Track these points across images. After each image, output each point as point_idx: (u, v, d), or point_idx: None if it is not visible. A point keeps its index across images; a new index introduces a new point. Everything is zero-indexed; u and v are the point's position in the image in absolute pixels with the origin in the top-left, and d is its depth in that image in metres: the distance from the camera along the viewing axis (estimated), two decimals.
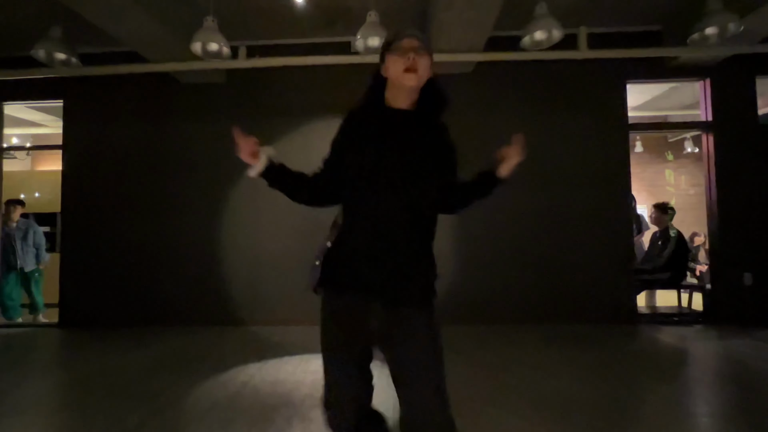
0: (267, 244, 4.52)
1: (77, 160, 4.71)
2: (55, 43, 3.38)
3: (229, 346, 3.74)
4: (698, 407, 2.46)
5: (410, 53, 1.22)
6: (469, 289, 4.31)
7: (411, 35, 1.26)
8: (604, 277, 4.25)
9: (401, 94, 1.28)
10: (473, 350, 3.42)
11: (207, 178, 4.60)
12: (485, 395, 2.51)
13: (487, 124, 4.45)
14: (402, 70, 1.23)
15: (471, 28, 3.56)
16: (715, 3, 3.09)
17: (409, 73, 1.23)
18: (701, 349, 3.55)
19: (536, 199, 4.35)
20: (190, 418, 2.29)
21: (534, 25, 3.16)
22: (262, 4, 3.90)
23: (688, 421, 2.23)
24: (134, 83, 4.58)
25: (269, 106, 4.62)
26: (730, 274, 4.22)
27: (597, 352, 3.38)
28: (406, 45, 1.24)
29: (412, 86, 1.25)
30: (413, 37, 1.26)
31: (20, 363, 3.56)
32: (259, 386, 2.74)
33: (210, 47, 3.35)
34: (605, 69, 4.28)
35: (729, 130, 4.27)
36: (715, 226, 4.31)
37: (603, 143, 4.35)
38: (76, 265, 4.62)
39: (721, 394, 2.69)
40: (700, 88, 4.45)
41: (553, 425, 2.11)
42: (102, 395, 2.63)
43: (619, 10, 4.09)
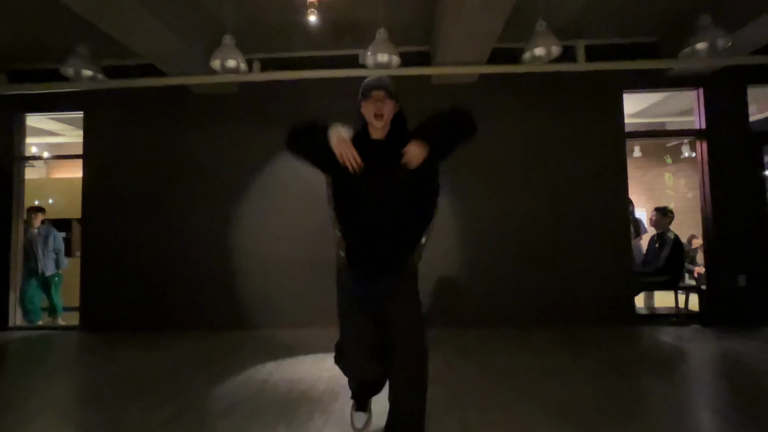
0: (277, 250, 4.70)
1: (97, 168, 4.90)
2: (83, 60, 3.58)
3: (244, 348, 3.91)
4: (697, 404, 2.62)
5: (378, 103, 1.71)
6: (475, 293, 4.48)
7: (379, 87, 1.72)
8: (604, 280, 4.42)
9: (375, 130, 1.79)
10: (482, 354, 3.58)
11: (220, 186, 4.79)
12: (496, 399, 2.64)
13: (491, 132, 4.62)
14: (372, 116, 1.73)
15: (475, 42, 3.75)
16: (705, 19, 3.28)
17: (377, 118, 1.73)
18: (698, 348, 3.71)
19: (538, 205, 4.53)
20: (218, 413, 2.46)
21: (534, 42, 3.35)
22: (276, 19, 4.10)
23: (688, 417, 2.39)
24: (151, 94, 4.78)
25: (280, 115, 4.79)
26: (725, 276, 4.38)
27: (601, 354, 3.51)
28: (375, 96, 1.72)
29: (380, 127, 1.75)
30: (380, 89, 1.72)
31: (48, 363, 3.75)
32: (278, 384, 2.92)
33: (228, 64, 3.55)
34: (603, 79, 4.47)
35: (722, 137, 4.45)
36: (710, 229, 4.49)
37: (601, 151, 4.53)
38: (96, 269, 4.81)
39: (718, 391, 2.85)
40: (694, 96, 4.63)
41: (563, 426, 2.24)
42: (132, 393, 2.80)
43: (616, 23, 4.28)
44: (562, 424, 2.24)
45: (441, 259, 4.48)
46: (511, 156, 4.61)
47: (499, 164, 4.61)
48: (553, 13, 3.84)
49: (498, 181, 4.60)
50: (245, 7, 3.76)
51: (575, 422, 2.25)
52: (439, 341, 3.95)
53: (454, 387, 2.83)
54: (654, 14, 4.12)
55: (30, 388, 3.07)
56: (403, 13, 3.96)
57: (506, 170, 4.61)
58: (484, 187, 4.60)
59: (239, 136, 4.82)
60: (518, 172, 4.60)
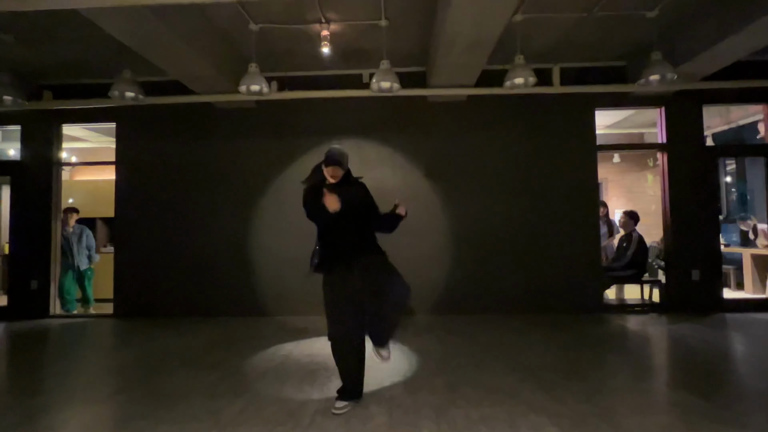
0: (290, 246, 5.30)
1: (128, 173, 5.50)
2: (127, 84, 4.16)
3: (264, 331, 4.53)
4: (633, 370, 3.27)
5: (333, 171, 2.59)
6: (463, 283, 5.12)
7: (334, 164, 2.57)
8: (576, 274, 5.07)
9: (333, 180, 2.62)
10: (469, 333, 4.23)
11: (239, 189, 5.39)
12: (478, 363, 3.31)
13: (479, 145, 5.27)
14: (330, 176, 2.60)
15: (464, 70, 4.36)
16: (657, 55, 3.90)
17: (332, 179, 2.61)
18: (650, 331, 4.36)
19: (520, 208, 5.16)
20: (253, 377, 3.09)
21: (513, 73, 3.96)
22: (291, 46, 4.68)
23: (631, 378, 3.04)
24: (177, 108, 5.36)
25: (293, 128, 5.41)
26: (681, 271, 5.04)
27: (567, 334, 4.19)
28: (329, 171, 2.59)
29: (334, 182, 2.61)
30: (335, 165, 2.57)
31: (100, 343, 4.37)
32: (298, 358, 3.55)
33: (252, 88, 4.13)
34: (577, 99, 5.10)
35: (680, 150, 5.09)
36: (669, 230, 5.14)
37: (576, 161, 5.17)
38: (128, 263, 5.41)
39: (663, 362, 3.50)
40: (657, 114, 5.26)
41: (528, 383, 2.89)
42: (177, 365, 3.42)
43: (588, 50, 4.89)
44: (526, 379, 2.90)
45: (433, 253, 5.12)
46: (497, 164, 5.24)
47: (486, 172, 5.23)
48: (531, 41, 4.45)
49: (484, 187, 5.23)
50: (266, 37, 4.34)
51: (537, 379, 2.91)
52: (431, 325, 4.60)
53: (442, 357, 3.48)
54: (620, 43, 4.73)
55: (93, 360, 3.69)
56: (401, 42, 4.56)
57: (492, 177, 5.23)
58: (472, 192, 5.23)
59: (257, 146, 5.42)
60: (502, 179, 5.23)
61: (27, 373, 3.30)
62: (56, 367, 3.42)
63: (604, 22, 4.22)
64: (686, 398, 2.59)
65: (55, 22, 4.01)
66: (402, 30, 4.35)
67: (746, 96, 5.08)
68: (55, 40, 4.44)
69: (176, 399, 2.68)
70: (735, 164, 7.32)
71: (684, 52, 4.25)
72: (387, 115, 5.34)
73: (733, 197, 7.72)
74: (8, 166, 5.78)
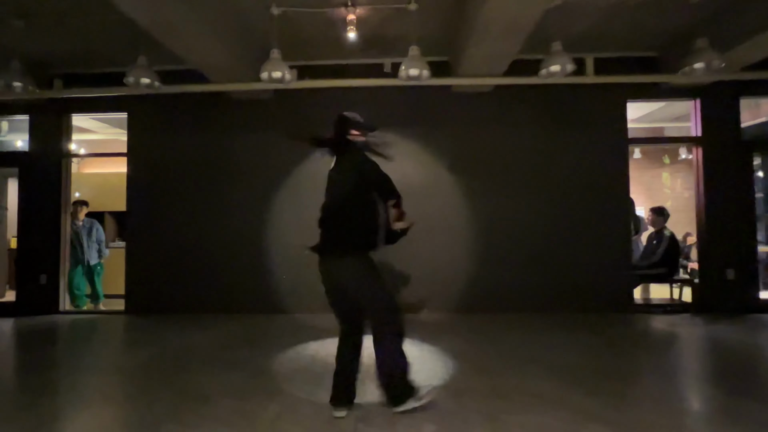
0: (305, 241, 5.11)
1: (140, 165, 5.31)
2: (142, 70, 3.98)
3: (283, 329, 4.36)
4: (681, 374, 3.09)
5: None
6: (487, 281, 4.94)
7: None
8: (605, 272, 4.88)
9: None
10: (496, 333, 4.06)
11: (255, 182, 5.21)
12: (515, 366, 3.13)
13: (504, 138, 5.07)
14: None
15: (495, 59, 4.16)
16: (703, 42, 3.70)
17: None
18: (687, 332, 4.18)
19: (548, 204, 4.97)
20: (282, 379, 2.91)
21: (550, 60, 3.76)
22: (313, 33, 4.49)
23: (670, 384, 2.86)
24: (191, 99, 5.18)
25: (310, 119, 5.17)
26: (715, 270, 4.85)
27: (599, 335, 4.01)
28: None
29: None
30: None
31: (112, 342, 4.20)
32: (326, 359, 3.36)
33: (274, 75, 3.94)
34: (608, 90, 4.89)
35: (715, 143, 4.89)
36: (703, 228, 4.95)
37: (605, 155, 4.97)
38: (140, 258, 5.24)
39: (703, 365, 3.33)
40: (690, 106, 5.06)
41: (575, 387, 2.71)
42: (199, 363, 3.25)
43: (621, 39, 4.69)
44: (571, 383, 2.72)
45: (455, 250, 4.94)
46: (522, 158, 5.05)
47: (511, 166, 5.04)
48: (564, 29, 4.25)
49: (509, 182, 5.04)
50: (287, 23, 4.15)
51: (582, 383, 2.73)
52: (453, 324, 4.43)
53: (476, 358, 3.30)
54: (655, 32, 4.53)
55: (111, 358, 3.52)
56: (428, 29, 4.36)
57: (518, 171, 5.04)
58: (496, 187, 5.04)
59: (274, 138, 5.22)
60: (528, 173, 5.04)
61: (43, 371, 3.12)
62: (72, 365, 3.25)
63: (640, 10, 4.02)
64: (751, 406, 2.41)
65: (68, 6, 3.83)
66: (429, 15, 4.14)
67: None
68: (67, 27, 4.25)
69: (204, 400, 2.51)
70: (762, 160, 7.11)
71: (726, 40, 4.03)
72: (408, 106, 5.14)
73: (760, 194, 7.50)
74: (16, 158, 5.59)
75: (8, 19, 4.02)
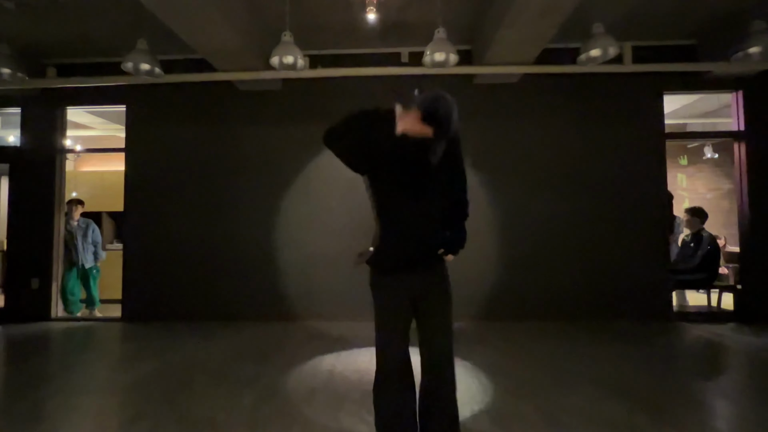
0: (319, 244, 4.77)
1: (139, 162, 4.95)
2: (142, 55, 3.63)
3: (296, 339, 3.99)
4: (739, 391, 2.72)
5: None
6: (516, 288, 4.57)
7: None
8: (642, 277, 4.51)
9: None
10: (530, 344, 3.69)
11: (263, 180, 4.85)
12: (559, 382, 2.77)
13: (531, 133, 4.72)
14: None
15: (527, 45, 3.82)
16: (759, 24, 3.35)
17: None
18: (742, 344, 3.80)
19: (578, 203, 4.61)
20: (299, 399, 2.54)
21: (591, 43, 3.42)
22: (325, 18, 4.15)
23: (728, 404, 2.49)
24: (194, 90, 4.83)
25: (322, 112, 4.84)
26: (760, 275, 4.48)
27: (644, 345, 3.64)
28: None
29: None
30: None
31: (107, 354, 3.83)
32: (346, 375, 3.00)
33: (286, 60, 3.60)
34: (644, 81, 4.54)
35: (760, 139, 4.54)
36: (745, 229, 4.58)
37: (641, 150, 4.62)
38: (139, 261, 4.87)
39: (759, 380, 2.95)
40: (732, 99, 4.71)
41: (635, 409, 2.36)
42: (204, 380, 2.88)
43: (658, 26, 4.35)
44: (629, 403, 2.36)
45: (479, 253, 4.56)
46: (550, 154, 4.69)
47: (539, 163, 4.69)
48: (599, 16, 3.91)
49: (537, 179, 4.68)
50: (301, 7, 3.81)
51: (642, 403, 2.36)
52: (481, 333, 4.06)
53: (513, 374, 2.94)
54: (695, 18, 4.19)
55: (104, 374, 3.14)
56: (452, 14, 4.02)
57: (545, 168, 4.68)
58: (523, 185, 4.68)
59: (282, 132, 4.88)
60: (557, 171, 4.68)
61: (27, 390, 2.76)
62: (60, 383, 2.88)
63: None
64: None
65: None
66: None
67: None
68: (62, 10, 3.91)
69: (211, 428, 2.14)
70: None
71: None
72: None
73: None
74: (6, 153, 5.22)
75: None
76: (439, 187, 1.72)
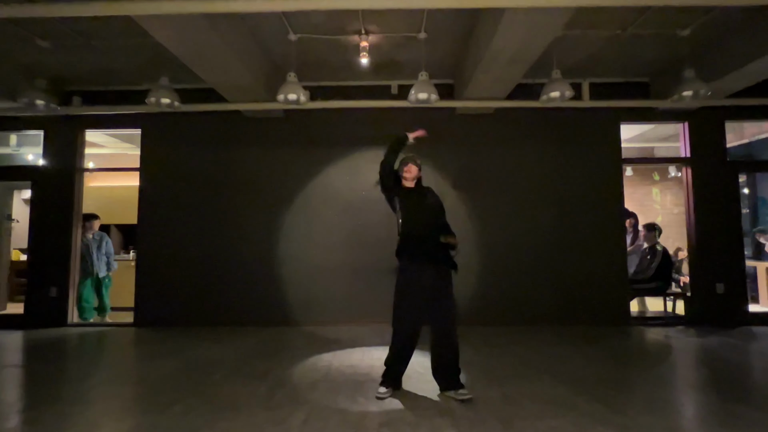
0: (318, 256, 5.29)
1: (152, 179, 5.45)
2: (165, 90, 4.16)
3: (296, 342, 4.48)
4: (679, 382, 3.29)
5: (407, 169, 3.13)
6: (490, 295, 5.13)
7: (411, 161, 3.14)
8: (603, 286, 5.11)
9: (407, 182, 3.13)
10: (504, 345, 4.23)
11: (266, 198, 5.37)
12: (525, 375, 3.32)
13: (505, 158, 5.33)
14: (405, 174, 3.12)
15: (500, 84, 4.43)
16: (690, 72, 4.00)
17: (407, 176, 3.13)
18: (684, 343, 4.39)
19: (546, 220, 5.21)
20: (304, 388, 3.05)
21: (550, 87, 4.03)
22: (326, 56, 4.73)
23: (670, 391, 3.06)
24: (203, 115, 5.36)
25: (321, 137, 5.43)
26: (706, 284, 5.11)
27: (602, 346, 4.21)
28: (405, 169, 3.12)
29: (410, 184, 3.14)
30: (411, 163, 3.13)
31: (131, 354, 4.28)
32: (341, 369, 3.51)
33: (290, 97, 4.15)
34: (604, 113, 5.20)
35: (703, 164, 5.20)
36: (693, 243, 5.22)
37: (601, 174, 5.25)
38: (150, 271, 5.34)
39: (697, 374, 3.53)
40: (680, 128, 5.38)
41: (582, 395, 2.91)
42: (222, 374, 3.37)
43: (616, 66, 5.01)
44: (579, 391, 2.91)
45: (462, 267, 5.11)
46: (523, 177, 5.30)
47: (513, 184, 5.29)
48: (563, 57, 4.54)
49: (511, 199, 5.27)
50: (303, 47, 4.38)
51: (589, 391, 2.91)
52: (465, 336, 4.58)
53: (486, 368, 3.48)
54: (647, 61, 4.85)
55: (134, 370, 3.61)
56: (435, 56, 4.63)
57: (518, 189, 5.29)
58: (498, 204, 5.27)
59: (284, 156, 5.42)
60: (529, 191, 5.28)
61: (68, 384, 3.22)
62: (98, 377, 3.34)
63: (634, 41, 4.33)
64: (745, 411, 2.61)
65: (95, 27, 4.01)
66: (438, 44, 4.42)
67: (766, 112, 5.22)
68: (91, 48, 4.42)
69: (235, 410, 2.64)
70: (746, 178, 7.49)
71: (713, 70, 4.36)
72: (414, 126, 5.35)
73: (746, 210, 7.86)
74: (30, 171, 5.69)
75: (32, 38, 4.19)
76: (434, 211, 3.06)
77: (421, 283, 2.85)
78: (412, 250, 2.91)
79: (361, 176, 5.35)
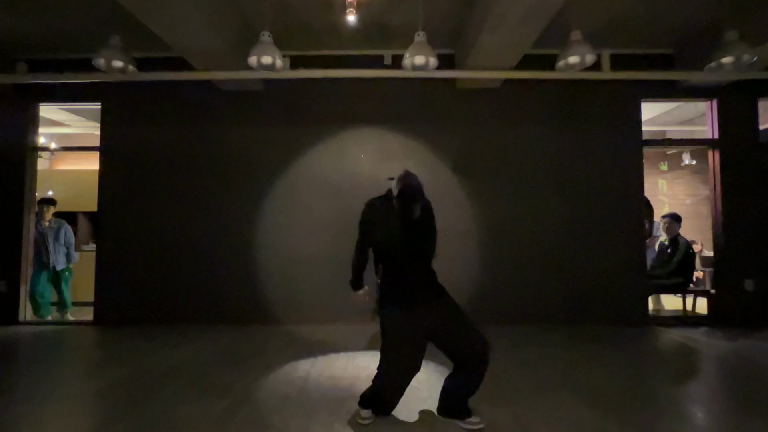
0: (302, 246, 4.71)
1: (114, 161, 4.83)
2: (115, 51, 3.53)
3: (274, 344, 3.92)
4: (725, 400, 2.76)
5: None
6: (496, 292, 4.58)
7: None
8: (619, 282, 4.57)
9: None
10: (511, 348, 3.69)
11: (242, 182, 4.77)
12: (537, 388, 2.77)
13: (511, 138, 4.74)
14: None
15: (508, 50, 3.83)
16: (733, 35, 3.42)
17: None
18: (713, 349, 3.87)
19: (556, 207, 4.65)
20: (270, 408, 2.48)
21: (569, 50, 3.44)
22: (309, 18, 4.11)
23: (717, 413, 2.52)
24: (173, 88, 4.74)
25: (304, 113, 4.82)
26: (733, 280, 4.58)
27: (618, 350, 3.68)
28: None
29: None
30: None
31: (77, 359, 3.70)
32: (319, 380, 2.95)
33: (264, 60, 3.53)
34: (622, 88, 4.62)
35: (733, 147, 4.64)
36: (719, 235, 4.68)
37: (619, 157, 4.68)
38: (112, 263, 4.74)
39: (742, 388, 3.00)
40: (707, 107, 4.81)
41: (610, 417, 2.36)
42: (177, 387, 2.80)
43: (637, 35, 4.43)
44: (605, 411, 2.35)
45: (460, 257, 4.57)
46: (531, 160, 4.72)
47: (519, 168, 4.71)
48: (579, 23, 3.95)
49: (517, 184, 4.71)
50: (282, 7, 3.76)
51: (617, 411, 2.37)
52: None
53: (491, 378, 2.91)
54: (674, 26, 4.27)
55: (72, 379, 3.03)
56: (434, 18, 4.02)
57: (526, 173, 4.72)
58: (503, 190, 4.70)
59: (264, 134, 4.81)
60: (537, 176, 4.72)
61: None
62: (26, 389, 2.77)
63: (659, 2, 3.75)
64: None
65: None
66: (436, 2, 3.81)
67: None
68: (32, 3, 3.78)
69: None
70: None
71: (752, 37, 3.78)
72: (410, 102, 4.78)
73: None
74: None
75: None
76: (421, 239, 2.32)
77: (411, 327, 2.27)
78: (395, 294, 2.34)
79: (349, 157, 4.76)
